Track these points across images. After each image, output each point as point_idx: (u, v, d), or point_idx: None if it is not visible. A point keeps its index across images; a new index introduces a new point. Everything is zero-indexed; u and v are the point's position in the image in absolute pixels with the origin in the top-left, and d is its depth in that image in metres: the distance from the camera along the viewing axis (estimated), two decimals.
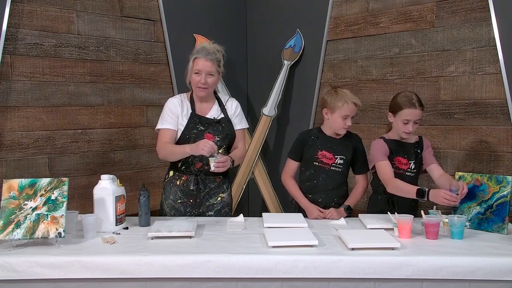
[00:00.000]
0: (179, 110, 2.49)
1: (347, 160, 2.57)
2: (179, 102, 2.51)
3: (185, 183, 2.52)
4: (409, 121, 2.40)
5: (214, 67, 2.45)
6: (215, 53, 2.47)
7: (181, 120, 2.48)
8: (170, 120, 2.48)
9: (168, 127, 2.47)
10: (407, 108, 2.39)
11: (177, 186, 2.53)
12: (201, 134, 2.47)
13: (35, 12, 2.93)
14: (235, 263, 1.81)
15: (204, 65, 2.43)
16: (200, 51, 2.46)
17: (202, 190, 2.53)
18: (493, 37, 2.82)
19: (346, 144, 2.58)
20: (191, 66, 2.46)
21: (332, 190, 2.57)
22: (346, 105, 2.46)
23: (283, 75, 3.75)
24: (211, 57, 2.44)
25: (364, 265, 1.81)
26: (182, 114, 2.49)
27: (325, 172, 2.56)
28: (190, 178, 2.51)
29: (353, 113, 2.50)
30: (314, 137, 2.59)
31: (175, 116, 2.48)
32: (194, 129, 2.48)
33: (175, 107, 2.49)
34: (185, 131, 2.48)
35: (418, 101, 2.41)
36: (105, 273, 1.80)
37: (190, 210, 2.54)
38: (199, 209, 2.55)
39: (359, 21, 3.43)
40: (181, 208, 2.54)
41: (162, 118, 2.51)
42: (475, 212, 2.29)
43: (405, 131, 2.43)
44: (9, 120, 2.85)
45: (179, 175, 2.54)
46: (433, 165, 2.49)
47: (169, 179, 2.57)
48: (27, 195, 2.01)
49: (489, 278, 1.81)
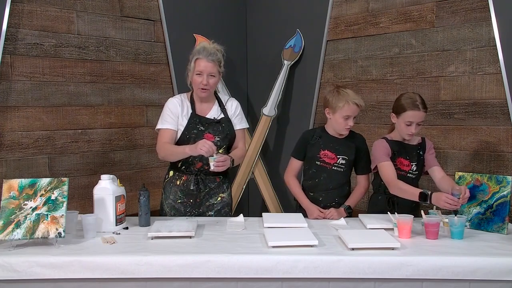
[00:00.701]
0: (179, 110, 2.49)
1: (349, 161, 2.57)
2: (179, 102, 2.51)
3: (185, 183, 2.52)
4: (412, 122, 2.40)
5: (215, 68, 2.46)
6: (216, 53, 2.47)
7: (181, 120, 2.48)
8: (170, 120, 2.48)
9: (168, 127, 2.47)
10: (410, 110, 2.39)
11: (177, 186, 2.53)
12: (201, 134, 2.47)
13: (35, 12, 2.93)
14: (235, 263, 1.81)
15: (206, 66, 2.43)
16: (201, 52, 2.45)
17: (202, 190, 2.53)
18: (493, 37, 2.82)
19: (349, 145, 2.57)
20: (193, 67, 2.46)
21: (333, 189, 2.57)
22: (347, 105, 2.45)
23: (283, 75, 3.75)
24: (212, 58, 2.44)
25: (364, 265, 1.81)
26: (182, 114, 2.49)
27: (326, 172, 2.56)
28: (190, 178, 2.51)
29: (355, 113, 2.49)
30: (317, 137, 2.59)
31: (175, 116, 2.48)
32: (194, 129, 2.48)
33: (175, 107, 2.49)
34: (185, 131, 2.48)
35: (422, 103, 2.40)
36: (105, 273, 1.80)
37: (190, 210, 2.54)
38: (199, 209, 2.55)
39: (359, 21, 3.43)
40: (181, 208, 2.54)
41: (162, 118, 2.50)
42: (475, 212, 2.29)
43: (408, 133, 2.42)
44: (9, 120, 2.85)
45: (179, 175, 2.54)
46: (435, 167, 2.48)
47: (169, 179, 2.57)
48: (27, 195, 2.01)
49: (489, 278, 1.81)
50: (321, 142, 2.57)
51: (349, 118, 2.48)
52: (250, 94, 4.12)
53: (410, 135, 2.44)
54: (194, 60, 2.45)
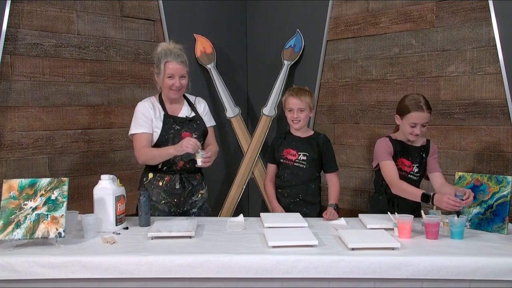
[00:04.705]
0: (152, 113, 2.51)
1: (311, 157, 2.66)
2: (150, 106, 2.53)
3: (168, 183, 2.53)
4: (416, 124, 2.40)
5: (185, 69, 2.52)
6: (183, 54, 2.53)
7: (155, 123, 2.50)
8: (144, 124, 2.48)
9: (144, 131, 2.48)
10: (414, 111, 2.38)
11: (160, 187, 2.53)
12: (179, 133, 2.50)
13: (35, 12, 2.93)
14: (235, 263, 1.82)
15: (176, 68, 2.48)
16: (169, 55, 2.48)
17: (187, 188, 2.55)
18: (493, 37, 2.82)
19: (310, 143, 2.69)
20: (163, 70, 2.48)
21: (296, 186, 2.67)
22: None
23: (283, 75, 3.75)
24: (181, 60, 2.50)
25: (364, 265, 1.81)
26: (155, 116, 2.51)
27: (289, 168, 2.68)
28: (174, 177, 2.53)
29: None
30: (282, 138, 2.75)
31: (148, 119, 2.49)
32: (171, 129, 2.51)
33: (147, 110, 2.51)
34: (162, 133, 2.49)
35: (426, 104, 2.40)
36: (105, 273, 1.80)
37: (175, 210, 2.55)
38: (184, 207, 2.57)
39: (359, 21, 3.43)
40: (165, 209, 2.54)
41: (136, 122, 2.50)
42: (475, 212, 2.29)
43: (412, 134, 2.43)
44: (9, 120, 2.85)
45: (161, 176, 2.54)
46: (436, 173, 2.48)
47: (149, 181, 2.56)
48: (27, 195, 2.01)
49: (489, 278, 1.81)
50: (285, 142, 2.72)
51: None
52: (250, 94, 4.12)
53: (415, 136, 2.44)
54: (163, 63, 2.48)
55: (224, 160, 3.90)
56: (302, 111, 2.64)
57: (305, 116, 2.65)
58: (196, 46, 3.73)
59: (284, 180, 2.70)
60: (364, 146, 3.45)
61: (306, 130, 2.73)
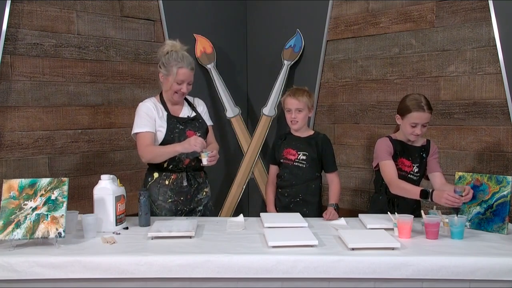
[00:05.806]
0: (155, 113, 2.51)
1: (310, 157, 2.66)
2: (152, 106, 2.53)
3: (175, 181, 2.53)
4: (417, 124, 2.40)
5: (192, 75, 2.55)
6: (193, 60, 2.57)
7: (159, 122, 2.51)
8: (148, 123, 2.49)
9: (148, 130, 2.48)
10: (415, 111, 2.38)
11: (167, 186, 2.53)
12: (183, 132, 2.52)
13: (35, 12, 2.93)
14: (235, 263, 1.82)
15: (189, 75, 2.52)
16: (183, 60, 2.50)
17: (193, 185, 2.57)
18: (493, 37, 2.82)
19: (310, 142, 2.69)
20: (174, 74, 2.48)
21: (296, 185, 2.67)
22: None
23: (283, 75, 3.75)
24: (192, 66, 2.53)
25: (364, 265, 1.81)
26: (159, 116, 2.52)
27: (289, 168, 2.69)
28: (181, 175, 2.54)
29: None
30: (282, 139, 2.76)
31: (151, 119, 2.50)
32: (176, 129, 2.52)
33: (150, 110, 2.51)
34: (168, 132, 2.50)
35: (427, 104, 2.40)
36: (105, 273, 1.80)
37: (182, 208, 2.56)
38: (190, 205, 2.58)
39: (359, 21, 3.43)
40: (173, 207, 2.54)
41: (140, 122, 2.50)
42: (475, 212, 2.29)
43: (413, 134, 2.42)
44: (9, 120, 2.85)
45: (167, 174, 2.54)
46: (436, 173, 2.48)
47: (155, 181, 2.56)
48: (27, 195, 2.01)
49: (489, 278, 1.81)
50: (285, 142, 2.73)
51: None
52: (250, 94, 4.12)
53: (415, 137, 2.44)
54: (176, 68, 2.48)
55: (224, 160, 3.90)
56: (300, 111, 2.64)
57: (303, 116, 2.66)
58: (196, 46, 3.74)
59: (284, 179, 2.71)
60: (364, 146, 3.45)
61: (306, 130, 2.74)
